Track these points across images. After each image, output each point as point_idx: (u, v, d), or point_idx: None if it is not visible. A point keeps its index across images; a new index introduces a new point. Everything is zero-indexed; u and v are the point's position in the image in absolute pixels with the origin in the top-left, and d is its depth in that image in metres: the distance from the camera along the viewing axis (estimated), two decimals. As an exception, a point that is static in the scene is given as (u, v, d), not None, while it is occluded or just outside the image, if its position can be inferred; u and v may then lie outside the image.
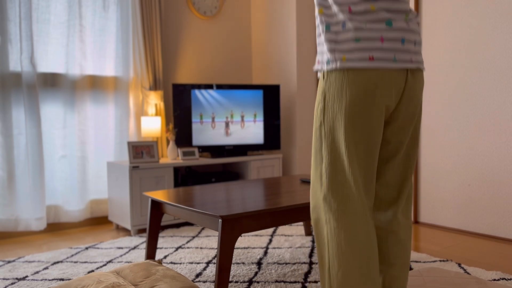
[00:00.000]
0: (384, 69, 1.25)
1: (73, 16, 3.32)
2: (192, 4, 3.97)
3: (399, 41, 1.26)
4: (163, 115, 3.70)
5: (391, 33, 1.26)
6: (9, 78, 3.08)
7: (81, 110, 3.40)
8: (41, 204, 3.15)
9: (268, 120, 3.84)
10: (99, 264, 2.48)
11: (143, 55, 3.58)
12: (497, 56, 2.83)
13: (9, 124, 3.08)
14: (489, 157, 2.89)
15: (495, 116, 2.86)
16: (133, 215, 3.14)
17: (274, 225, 1.95)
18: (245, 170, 3.77)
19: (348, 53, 1.26)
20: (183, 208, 2.00)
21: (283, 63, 4.07)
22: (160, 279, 1.71)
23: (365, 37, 1.25)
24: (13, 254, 2.76)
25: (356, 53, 1.25)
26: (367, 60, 1.24)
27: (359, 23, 1.25)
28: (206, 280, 2.19)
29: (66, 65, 3.32)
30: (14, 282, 2.21)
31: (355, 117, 1.27)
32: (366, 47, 1.25)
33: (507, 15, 2.77)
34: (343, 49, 1.26)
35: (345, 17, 1.26)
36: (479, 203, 2.95)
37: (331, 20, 1.29)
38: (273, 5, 4.13)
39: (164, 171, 3.29)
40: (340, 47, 1.27)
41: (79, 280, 1.70)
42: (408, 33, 1.29)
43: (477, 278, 2.05)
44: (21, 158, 3.11)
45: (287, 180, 2.73)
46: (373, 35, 1.25)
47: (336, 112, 1.29)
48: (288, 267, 2.35)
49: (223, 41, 4.20)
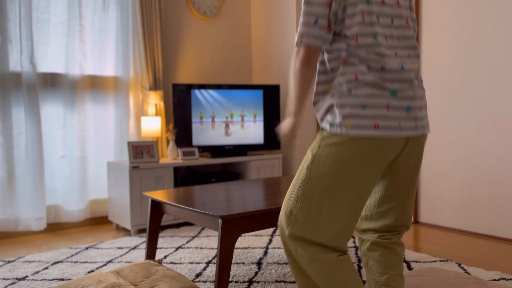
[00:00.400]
0: (388, 137, 1.26)
1: (73, 16, 3.32)
2: (192, 4, 3.97)
3: (405, 109, 1.27)
4: (163, 115, 3.70)
5: (396, 101, 1.26)
6: (9, 78, 3.08)
7: (81, 110, 3.40)
8: (41, 204, 3.15)
9: (268, 120, 3.84)
10: (99, 264, 2.48)
11: (143, 55, 3.58)
12: (497, 56, 2.83)
13: (9, 124, 3.08)
14: (489, 157, 2.89)
15: (495, 116, 2.86)
16: (133, 215, 3.14)
17: (274, 225, 1.95)
18: (245, 170, 3.78)
19: (354, 119, 1.25)
20: (183, 208, 2.00)
21: (283, 63, 4.07)
22: (160, 279, 1.71)
23: (371, 104, 1.25)
24: (13, 254, 2.76)
25: (362, 120, 1.24)
26: (372, 128, 1.24)
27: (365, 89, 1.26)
28: (206, 280, 2.19)
29: (66, 65, 3.32)
30: (14, 282, 2.21)
31: (347, 178, 1.27)
32: (372, 114, 1.24)
33: (507, 15, 2.77)
34: (348, 114, 1.26)
35: (351, 85, 1.26)
36: (479, 203, 2.95)
37: (337, 81, 1.30)
38: (273, 5, 4.13)
39: (164, 171, 3.29)
40: (345, 111, 1.26)
41: (79, 280, 1.70)
42: (414, 100, 1.30)
43: (477, 278, 2.05)
44: (21, 158, 3.11)
45: (287, 180, 2.73)
46: (379, 102, 1.25)
47: (324, 173, 1.28)
48: (288, 267, 2.35)
49: (223, 41, 4.20)
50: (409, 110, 1.28)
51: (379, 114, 1.24)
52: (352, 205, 1.28)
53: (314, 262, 1.28)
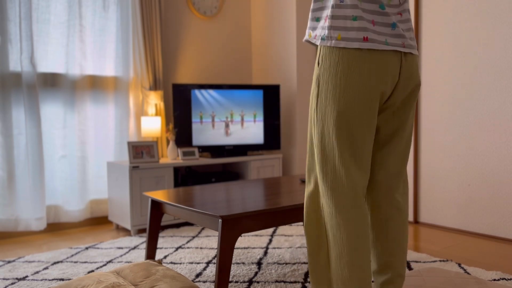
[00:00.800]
0: (377, 51, 1.27)
1: (73, 16, 3.32)
2: (192, 4, 3.97)
3: (389, 26, 1.29)
4: (163, 115, 3.70)
5: (382, 17, 1.28)
6: (9, 78, 3.08)
7: (81, 110, 3.40)
8: (41, 204, 3.15)
9: (268, 120, 3.84)
10: (99, 264, 2.48)
11: (143, 55, 3.58)
12: (497, 56, 2.83)
13: (9, 124, 3.08)
14: (489, 157, 2.89)
15: (495, 116, 2.86)
16: (133, 215, 3.14)
17: (274, 225, 1.95)
18: (245, 170, 3.77)
19: (344, 31, 1.27)
20: (183, 208, 2.00)
21: (283, 63, 4.07)
22: (160, 279, 1.71)
23: (360, 16, 1.26)
24: (13, 254, 2.76)
25: (352, 33, 1.26)
26: (361, 41, 1.25)
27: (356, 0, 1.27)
28: (206, 280, 2.19)
29: (66, 65, 3.32)
30: (14, 282, 2.21)
31: (350, 101, 1.27)
32: (361, 27, 1.26)
33: (507, 15, 2.77)
34: (339, 26, 1.27)
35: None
36: (479, 203, 2.95)
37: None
38: (273, 5, 4.13)
39: (164, 171, 3.29)
40: (336, 24, 1.28)
41: (79, 280, 1.70)
42: (399, 19, 1.32)
43: (477, 278, 2.05)
44: (21, 158, 3.11)
45: (287, 180, 2.73)
46: (367, 16, 1.26)
47: (329, 98, 1.30)
48: (288, 267, 2.35)
49: (223, 41, 4.20)
50: (394, 27, 1.30)
51: (367, 27, 1.27)
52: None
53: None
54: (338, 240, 1.28)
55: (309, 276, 1.37)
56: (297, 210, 2.02)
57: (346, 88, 1.26)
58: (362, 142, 1.30)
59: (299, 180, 2.72)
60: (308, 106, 4.02)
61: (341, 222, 1.28)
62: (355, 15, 1.25)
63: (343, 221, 1.28)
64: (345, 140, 1.29)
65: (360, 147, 1.30)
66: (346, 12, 1.26)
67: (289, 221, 2.00)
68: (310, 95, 1.37)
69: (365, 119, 1.29)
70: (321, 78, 1.30)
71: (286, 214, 1.99)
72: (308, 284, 2.10)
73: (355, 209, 1.29)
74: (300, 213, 2.04)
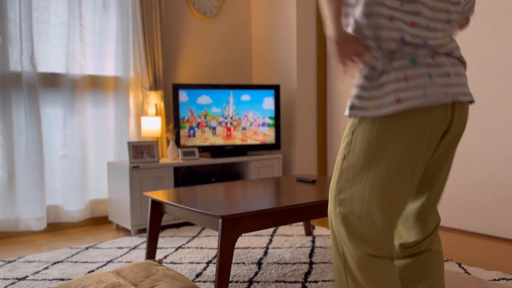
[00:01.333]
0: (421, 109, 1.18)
1: (73, 16, 3.32)
2: (192, 4, 3.97)
3: (426, 76, 1.19)
4: (163, 115, 3.70)
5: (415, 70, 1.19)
6: (9, 78, 3.08)
7: (81, 110, 3.40)
8: (41, 204, 3.15)
9: (268, 120, 3.83)
10: (99, 264, 2.48)
11: (143, 55, 3.58)
12: (497, 56, 2.83)
13: (9, 124, 3.08)
14: (489, 157, 2.89)
15: (495, 116, 2.86)
16: (133, 215, 3.14)
17: (274, 225, 1.95)
18: (245, 170, 3.78)
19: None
20: (183, 208, 2.00)
21: (283, 63, 4.07)
22: (160, 279, 1.71)
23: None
24: (13, 254, 2.76)
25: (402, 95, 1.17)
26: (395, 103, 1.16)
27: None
28: (206, 280, 2.19)
29: (66, 65, 3.32)
30: (14, 282, 2.21)
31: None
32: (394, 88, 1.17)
33: (507, 15, 2.77)
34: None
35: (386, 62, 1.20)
36: (479, 203, 2.95)
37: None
38: (273, 5, 4.13)
39: (164, 171, 3.29)
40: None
41: (79, 280, 1.70)
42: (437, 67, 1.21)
43: (477, 278, 2.05)
44: (21, 158, 3.11)
45: (287, 180, 2.73)
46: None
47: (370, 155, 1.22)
48: (288, 267, 2.35)
49: (223, 41, 4.20)
50: (432, 77, 1.19)
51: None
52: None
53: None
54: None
55: None
56: (297, 210, 2.02)
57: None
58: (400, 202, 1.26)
59: (294, 179, 2.72)
60: (308, 106, 4.02)
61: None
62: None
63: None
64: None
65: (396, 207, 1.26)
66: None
67: (289, 221, 2.00)
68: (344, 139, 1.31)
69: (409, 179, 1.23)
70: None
71: (286, 214, 1.99)
72: (308, 284, 2.10)
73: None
74: (300, 213, 2.04)
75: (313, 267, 2.34)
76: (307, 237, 2.94)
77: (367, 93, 1.21)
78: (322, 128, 4.10)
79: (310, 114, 4.04)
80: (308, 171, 4.04)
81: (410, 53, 1.18)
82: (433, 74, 1.19)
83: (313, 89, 4.05)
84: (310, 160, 4.05)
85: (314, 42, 4.03)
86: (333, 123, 4.04)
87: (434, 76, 1.19)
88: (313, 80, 4.04)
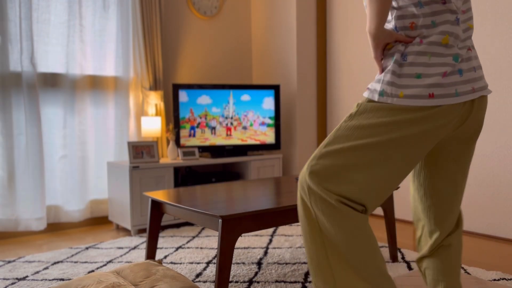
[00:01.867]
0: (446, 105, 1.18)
1: (73, 16, 3.32)
2: (192, 4, 3.97)
3: (457, 73, 1.20)
4: (163, 115, 3.70)
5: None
6: (9, 78, 3.08)
7: (81, 110, 3.40)
8: (41, 204, 3.15)
9: (268, 120, 3.83)
10: (99, 264, 2.48)
11: (143, 55, 3.58)
12: (497, 56, 2.83)
13: (9, 124, 3.08)
14: (489, 157, 2.89)
15: (495, 116, 2.86)
16: (133, 215, 3.14)
17: (274, 225, 1.95)
18: (245, 170, 3.78)
19: (407, 89, 1.18)
20: (183, 208, 2.00)
21: (283, 63, 4.07)
22: (160, 279, 1.71)
23: (425, 73, 1.18)
24: (13, 254, 2.76)
25: (415, 90, 1.17)
26: (427, 98, 1.17)
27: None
28: (206, 280, 2.19)
29: (66, 65, 3.33)
30: (14, 282, 2.21)
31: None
32: (426, 83, 1.17)
33: (507, 15, 2.77)
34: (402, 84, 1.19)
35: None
36: (479, 203, 2.95)
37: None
38: (273, 5, 4.13)
39: (164, 171, 3.29)
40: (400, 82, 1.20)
41: (79, 280, 1.70)
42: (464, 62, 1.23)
43: (477, 278, 2.05)
44: (21, 158, 3.11)
45: (287, 180, 2.73)
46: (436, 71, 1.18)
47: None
48: (288, 267, 2.35)
49: (223, 41, 4.20)
50: (462, 73, 1.21)
51: (434, 83, 1.20)
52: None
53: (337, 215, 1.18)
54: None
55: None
56: (297, 210, 2.02)
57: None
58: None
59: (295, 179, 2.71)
60: (308, 106, 4.02)
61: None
62: (419, 73, 1.20)
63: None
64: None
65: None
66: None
67: (289, 221, 2.00)
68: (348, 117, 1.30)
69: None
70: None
71: (286, 214, 1.99)
72: (309, 284, 2.10)
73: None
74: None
75: (313, 267, 2.34)
76: (307, 237, 2.94)
77: (399, 81, 1.19)
78: (322, 128, 4.10)
79: (310, 114, 4.04)
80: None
81: (451, 47, 1.19)
82: (463, 70, 1.20)
83: (313, 89, 4.05)
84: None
85: (314, 42, 4.03)
86: (333, 123, 4.04)
87: (464, 71, 1.20)
88: (313, 80, 4.04)
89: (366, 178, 1.19)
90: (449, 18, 1.20)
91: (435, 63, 1.18)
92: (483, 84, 1.25)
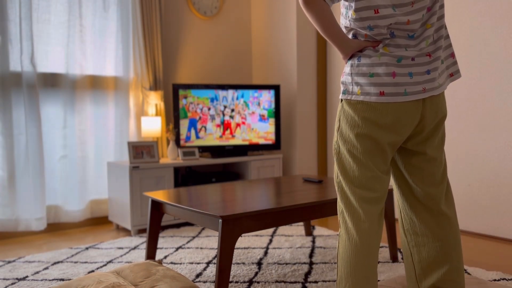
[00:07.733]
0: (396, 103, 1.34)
1: (73, 16, 3.32)
2: (192, 4, 3.97)
3: (407, 75, 1.35)
4: (163, 115, 3.70)
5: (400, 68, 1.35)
6: (9, 78, 3.08)
7: (81, 110, 3.40)
8: (41, 204, 3.15)
9: (269, 120, 3.83)
10: (99, 264, 2.48)
11: (143, 55, 3.58)
12: (497, 56, 2.83)
13: (9, 124, 3.08)
14: (489, 157, 2.89)
15: (495, 116, 2.86)
16: (133, 215, 3.14)
17: (274, 225, 1.95)
18: (245, 170, 3.78)
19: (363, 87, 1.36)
20: (183, 208, 2.00)
21: (283, 63, 4.07)
22: (160, 279, 1.71)
23: (377, 73, 1.34)
24: (13, 254, 2.76)
25: (369, 88, 1.34)
26: (378, 95, 1.33)
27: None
28: (206, 280, 2.19)
29: (66, 65, 3.33)
30: (14, 282, 2.21)
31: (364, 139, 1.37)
32: (378, 82, 1.33)
33: (507, 15, 2.77)
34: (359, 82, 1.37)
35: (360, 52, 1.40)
36: (479, 203, 2.95)
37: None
38: (273, 5, 4.13)
39: (164, 171, 3.29)
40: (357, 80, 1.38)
41: (79, 280, 1.70)
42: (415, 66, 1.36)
43: (477, 278, 2.05)
44: (21, 158, 3.11)
45: (287, 180, 2.73)
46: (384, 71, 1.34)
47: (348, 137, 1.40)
48: (288, 267, 2.35)
49: (223, 41, 4.20)
50: (412, 76, 1.35)
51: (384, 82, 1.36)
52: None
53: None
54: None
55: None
56: (297, 210, 2.02)
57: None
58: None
59: (302, 179, 2.72)
60: (308, 106, 4.02)
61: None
62: (372, 72, 1.37)
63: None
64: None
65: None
66: (363, 69, 1.39)
67: (289, 221, 2.00)
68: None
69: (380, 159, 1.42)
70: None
71: (286, 214, 1.99)
72: (309, 284, 2.10)
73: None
74: (300, 213, 2.04)
75: (313, 267, 2.34)
76: (307, 237, 2.94)
77: (358, 79, 1.37)
78: (322, 128, 4.10)
79: (310, 114, 4.04)
80: (308, 171, 4.04)
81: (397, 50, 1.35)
82: (413, 73, 1.35)
83: (313, 89, 4.05)
84: (310, 160, 4.05)
85: (314, 42, 4.03)
86: (333, 123, 4.04)
87: (414, 74, 1.35)
88: (313, 80, 4.05)
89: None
90: (401, 37, 1.37)
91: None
92: (436, 85, 1.39)
